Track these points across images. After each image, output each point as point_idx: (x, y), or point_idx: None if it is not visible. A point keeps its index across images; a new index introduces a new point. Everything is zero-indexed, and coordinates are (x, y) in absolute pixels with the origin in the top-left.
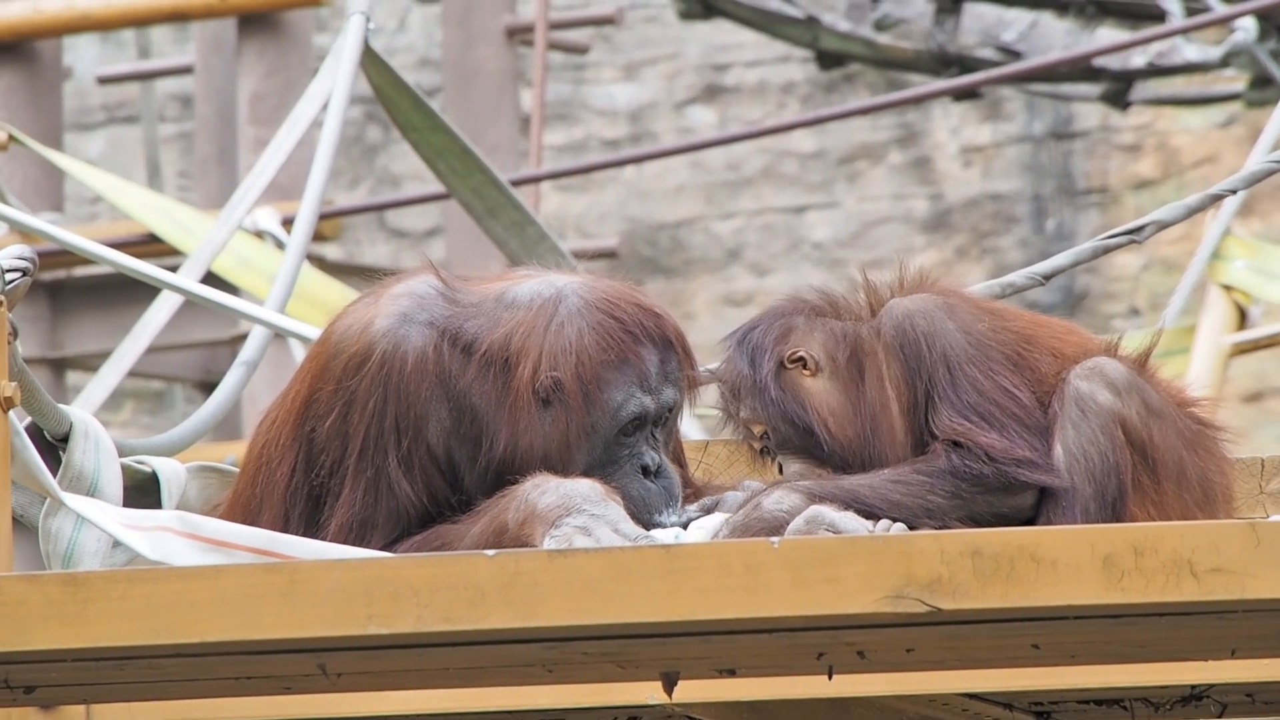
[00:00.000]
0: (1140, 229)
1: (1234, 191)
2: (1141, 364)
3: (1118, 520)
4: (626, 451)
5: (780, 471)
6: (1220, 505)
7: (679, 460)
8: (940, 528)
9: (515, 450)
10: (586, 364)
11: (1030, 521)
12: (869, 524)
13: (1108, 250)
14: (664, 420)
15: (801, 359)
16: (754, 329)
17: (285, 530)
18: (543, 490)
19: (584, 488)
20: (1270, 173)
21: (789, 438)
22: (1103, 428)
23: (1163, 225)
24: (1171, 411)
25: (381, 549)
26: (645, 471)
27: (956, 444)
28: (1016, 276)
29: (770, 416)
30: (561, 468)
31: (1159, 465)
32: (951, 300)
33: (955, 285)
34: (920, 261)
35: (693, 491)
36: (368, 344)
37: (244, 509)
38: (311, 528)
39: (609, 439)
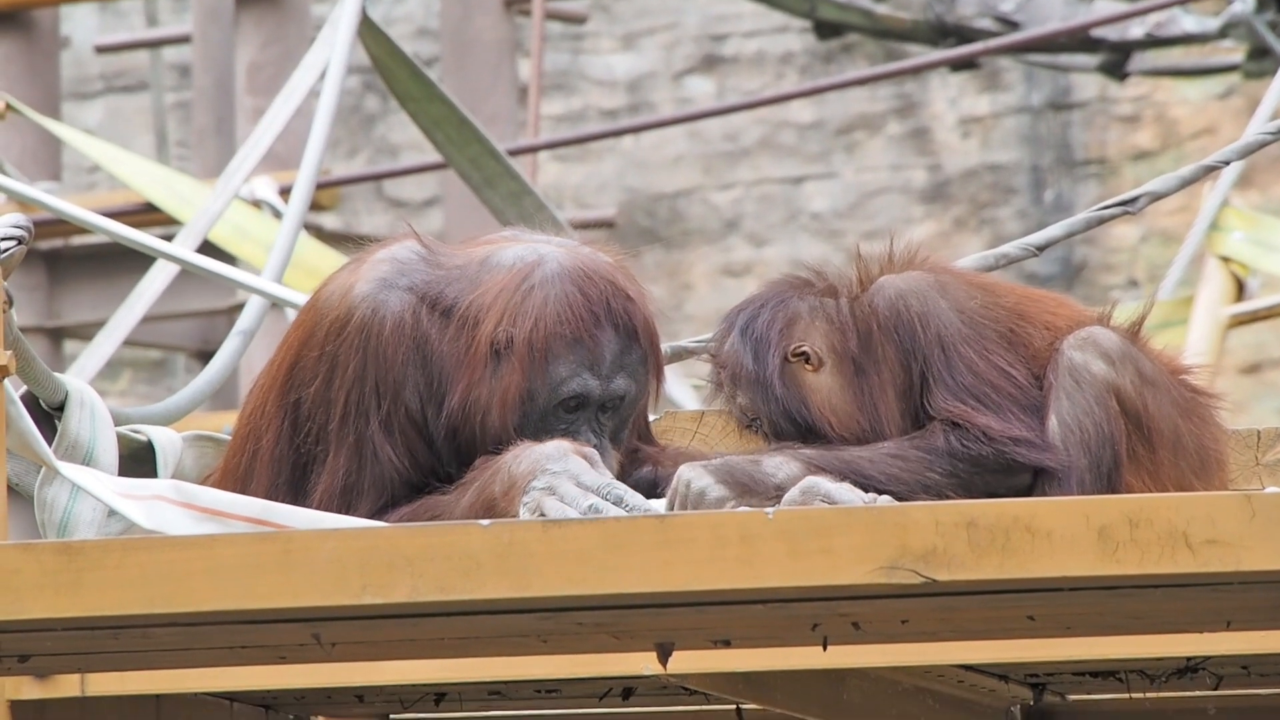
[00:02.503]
0: (1134, 200)
1: (1227, 162)
2: (1134, 333)
3: (1114, 491)
4: (562, 427)
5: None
6: (1216, 473)
7: (647, 439)
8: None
9: (467, 402)
10: (540, 331)
11: (1025, 493)
12: (864, 495)
13: (1102, 221)
14: (612, 407)
15: (805, 354)
16: (757, 317)
17: (273, 498)
18: (518, 458)
19: (550, 448)
20: (1265, 144)
21: (787, 432)
22: (1097, 398)
23: (1157, 196)
24: (1165, 380)
25: (369, 516)
26: None
27: (955, 424)
28: (1011, 247)
29: (771, 412)
30: (500, 426)
31: (1154, 434)
32: (943, 278)
33: (945, 261)
34: (919, 232)
35: (653, 454)
36: (348, 309)
37: (234, 477)
38: (299, 495)
39: (546, 410)
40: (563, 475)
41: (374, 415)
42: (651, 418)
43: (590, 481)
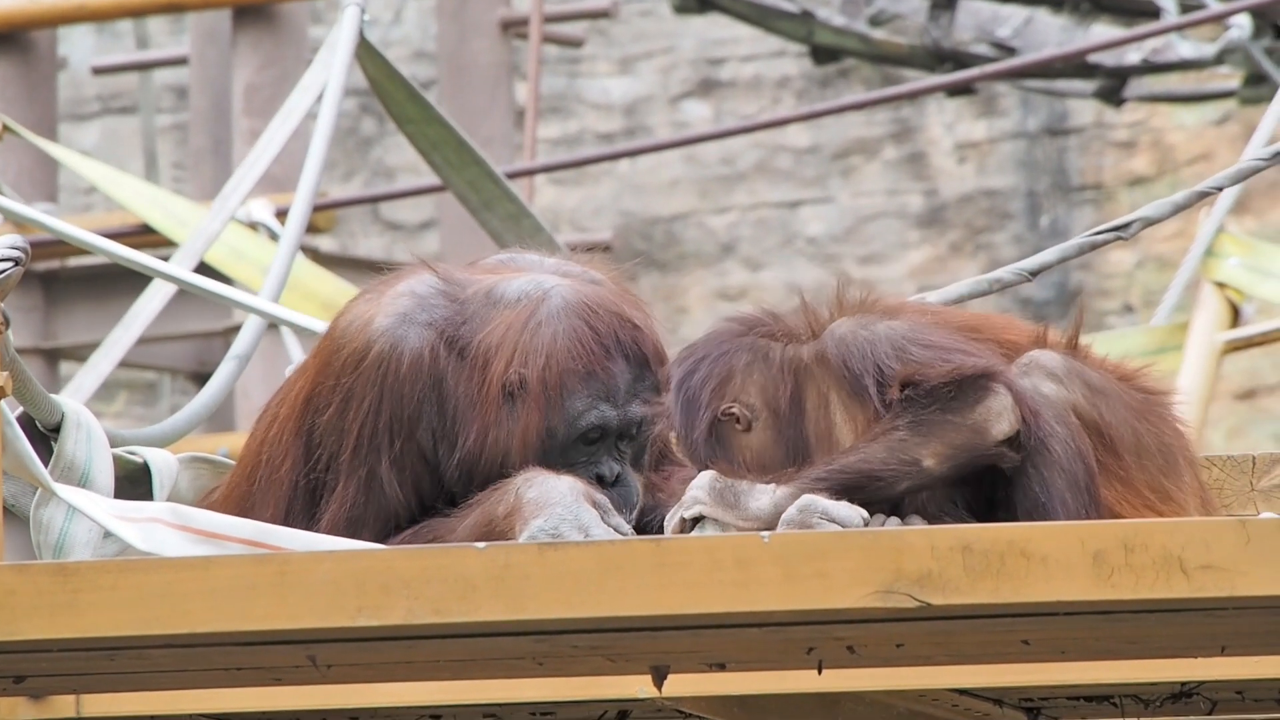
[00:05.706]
0: (1127, 225)
1: (1222, 188)
2: (1073, 346)
3: (1095, 503)
4: (584, 459)
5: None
6: (1184, 469)
7: (670, 458)
8: (926, 481)
9: (483, 444)
10: (553, 368)
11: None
12: (863, 512)
13: (1095, 246)
14: (631, 434)
15: (734, 415)
16: (694, 372)
17: (285, 523)
18: (530, 484)
19: (564, 487)
20: (1260, 169)
21: None
22: (1057, 417)
23: (1150, 222)
24: (1115, 386)
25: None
26: (601, 480)
27: (908, 384)
28: (1004, 272)
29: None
30: (520, 465)
31: (1115, 441)
32: (891, 311)
33: (898, 300)
34: (915, 257)
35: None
36: (366, 341)
37: (240, 503)
38: (310, 522)
39: (567, 444)
40: (572, 523)
41: (386, 451)
42: None
43: (599, 535)
